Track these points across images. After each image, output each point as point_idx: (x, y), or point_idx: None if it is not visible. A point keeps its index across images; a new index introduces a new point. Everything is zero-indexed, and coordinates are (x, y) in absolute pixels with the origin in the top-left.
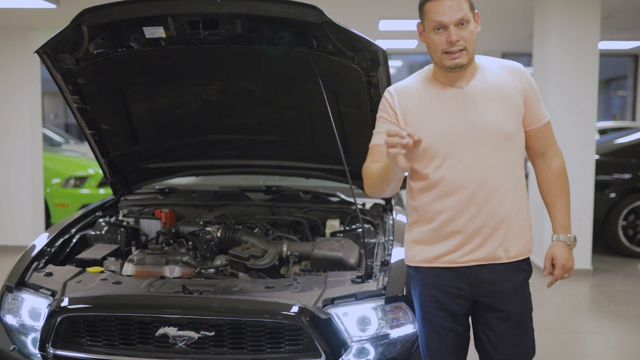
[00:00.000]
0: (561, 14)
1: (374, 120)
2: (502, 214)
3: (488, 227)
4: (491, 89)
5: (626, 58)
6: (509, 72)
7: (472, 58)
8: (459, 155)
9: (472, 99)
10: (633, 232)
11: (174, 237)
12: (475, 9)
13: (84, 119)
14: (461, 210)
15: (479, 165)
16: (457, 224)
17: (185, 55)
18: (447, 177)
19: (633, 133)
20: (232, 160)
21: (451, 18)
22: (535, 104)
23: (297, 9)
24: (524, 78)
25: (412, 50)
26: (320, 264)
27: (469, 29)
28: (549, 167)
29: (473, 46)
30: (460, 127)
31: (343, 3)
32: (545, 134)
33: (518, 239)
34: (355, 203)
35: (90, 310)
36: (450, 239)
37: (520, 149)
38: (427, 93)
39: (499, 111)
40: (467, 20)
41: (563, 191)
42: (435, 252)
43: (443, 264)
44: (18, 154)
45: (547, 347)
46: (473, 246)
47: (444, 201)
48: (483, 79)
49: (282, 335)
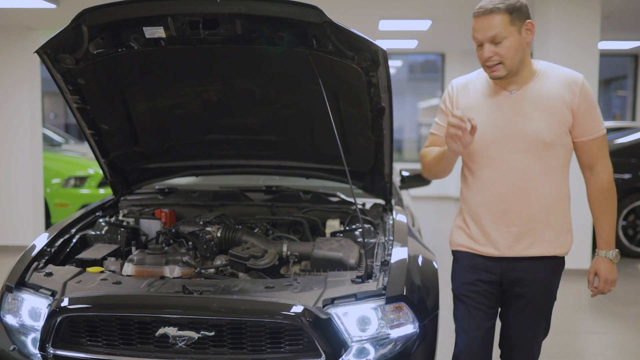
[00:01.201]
0: (561, 14)
1: (374, 120)
2: (531, 215)
3: (517, 226)
4: (540, 97)
5: (626, 58)
6: (563, 83)
7: (513, 69)
8: (497, 155)
9: (518, 105)
10: (633, 232)
11: (174, 237)
12: (524, 19)
13: (84, 119)
14: (494, 209)
15: (514, 168)
16: (493, 221)
17: (185, 55)
18: (485, 173)
19: (633, 133)
20: (232, 160)
21: (484, 36)
22: (585, 117)
23: (297, 9)
24: (577, 91)
25: (412, 50)
26: (320, 264)
27: (506, 45)
28: (595, 183)
29: (512, 59)
30: (502, 130)
31: (343, 3)
32: (594, 148)
33: (548, 239)
34: (355, 203)
35: (90, 310)
36: (485, 232)
37: (561, 157)
38: (481, 92)
39: (541, 119)
40: (503, 36)
41: (608, 208)
42: (472, 239)
43: (478, 252)
44: (18, 154)
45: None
46: (505, 242)
47: (480, 195)
48: (536, 87)
49: (282, 335)
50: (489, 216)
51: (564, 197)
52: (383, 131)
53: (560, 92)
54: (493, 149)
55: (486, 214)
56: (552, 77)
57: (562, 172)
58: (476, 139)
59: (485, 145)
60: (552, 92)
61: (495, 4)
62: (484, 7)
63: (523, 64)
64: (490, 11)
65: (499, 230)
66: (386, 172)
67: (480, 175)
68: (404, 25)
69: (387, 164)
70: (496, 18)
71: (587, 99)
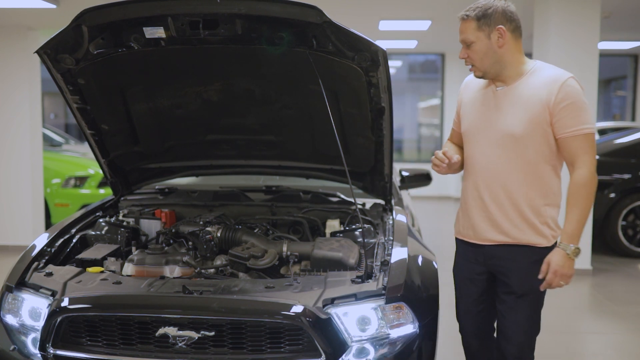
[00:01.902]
0: (561, 14)
1: (374, 121)
2: (503, 204)
3: (492, 212)
4: (519, 95)
5: (626, 58)
6: (546, 82)
7: (488, 71)
8: (477, 146)
9: (499, 101)
10: (633, 232)
11: (174, 237)
12: (495, 25)
13: (84, 119)
14: (474, 193)
15: (490, 159)
16: (473, 205)
17: (185, 55)
18: (470, 163)
19: (633, 133)
20: (232, 160)
21: (460, 39)
22: (564, 115)
23: (297, 9)
24: (556, 89)
25: (412, 50)
26: (320, 264)
27: (474, 48)
28: (573, 177)
29: (481, 61)
30: (483, 124)
31: (343, 3)
32: (574, 145)
33: (521, 227)
34: (355, 203)
35: (90, 310)
36: (467, 218)
37: (538, 153)
38: (478, 88)
39: (515, 115)
40: (471, 41)
41: (577, 202)
42: (462, 228)
43: (465, 238)
44: (18, 154)
45: (547, 347)
46: (482, 226)
47: (466, 183)
48: (521, 85)
49: (282, 335)
50: (469, 199)
51: (541, 190)
52: (383, 131)
53: (540, 90)
54: (475, 140)
55: (468, 197)
56: (539, 76)
57: (542, 167)
58: (463, 126)
59: (471, 134)
60: (532, 90)
61: (466, 12)
62: (460, 14)
63: (503, 65)
64: (462, 17)
65: (478, 216)
66: (386, 172)
67: (467, 161)
68: (403, 26)
69: (387, 164)
70: (466, 24)
71: (567, 97)
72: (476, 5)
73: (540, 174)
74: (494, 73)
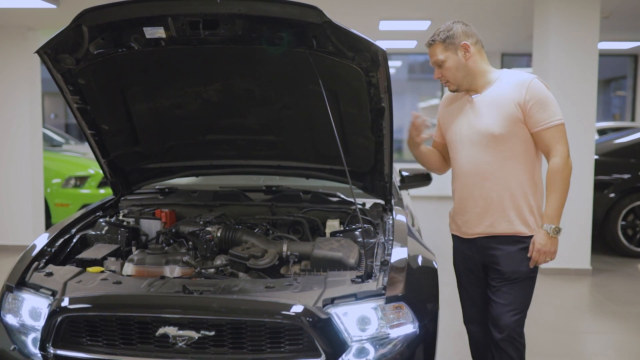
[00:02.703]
0: (561, 14)
1: (374, 121)
2: (489, 197)
3: (479, 207)
4: (493, 98)
5: (626, 58)
6: (514, 84)
7: (462, 83)
8: (462, 150)
9: (476, 106)
10: (632, 232)
11: (174, 237)
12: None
13: (84, 119)
14: (463, 193)
15: (474, 159)
16: (463, 204)
17: (185, 56)
18: (456, 165)
19: (632, 133)
20: (232, 160)
21: (431, 62)
22: (534, 112)
23: (297, 9)
24: (524, 90)
25: (412, 50)
26: (320, 264)
27: (446, 66)
28: (550, 166)
29: (454, 76)
30: (463, 129)
31: (343, 3)
32: (546, 137)
33: (507, 218)
34: (355, 203)
35: (90, 310)
36: (459, 214)
37: (516, 149)
38: (455, 99)
39: (491, 117)
40: (442, 60)
41: (554, 187)
42: (455, 223)
43: (459, 234)
44: (18, 154)
45: (547, 347)
46: (472, 221)
47: (455, 183)
48: (492, 91)
49: (282, 335)
50: (459, 200)
51: (523, 183)
52: (383, 131)
53: (510, 92)
54: (459, 144)
55: (458, 198)
56: (507, 81)
57: (521, 162)
58: (448, 137)
59: (454, 141)
60: (504, 92)
61: (432, 37)
62: (427, 41)
63: (473, 76)
64: (429, 44)
65: (468, 212)
66: (386, 172)
67: (454, 167)
68: (403, 26)
69: (387, 164)
70: (435, 48)
71: (535, 96)
72: (439, 31)
73: (522, 168)
74: (467, 85)
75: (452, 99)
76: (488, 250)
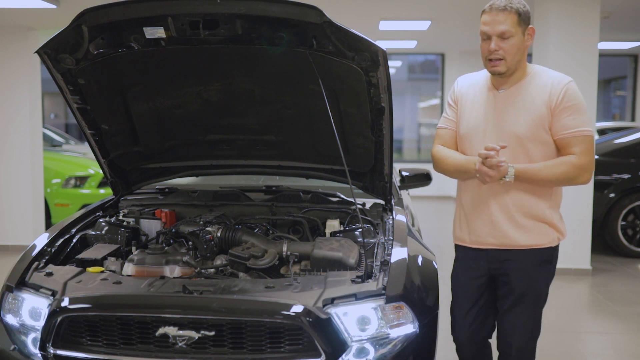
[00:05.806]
0: (561, 14)
1: (373, 120)
2: (507, 205)
3: (494, 214)
4: (522, 97)
5: (626, 58)
6: (547, 84)
7: (512, 67)
8: (480, 148)
9: (502, 103)
10: (632, 232)
11: (174, 237)
12: (527, 24)
13: (84, 119)
14: (475, 196)
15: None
16: (475, 209)
17: (185, 56)
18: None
19: (632, 133)
20: (232, 160)
21: (494, 30)
22: (562, 117)
23: (297, 9)
24: (558, 91)
25: (412, 50)
26: (320, 263)
27: (511, 42)
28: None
29: (513, 57)
30: (485, 125)
31: (343, 3)
32: (571, 145)
33: (528, 230)
34: (355, 203)
35: (90, 310)
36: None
37: (541, 154)
38: (478, 90)
39: (518, 116)
40: (511, 34)
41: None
42: (461, 233)
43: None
44: (18, 154)
45: (547, 347)
46: (484, 229)
47: (465, 186)
48: (523, 87)
49: (282, 335)
50: (470, 207)
51: (542, 190)
52: (383, 131)
53: (542, 92)
54: (476, 143)
55: (469, 203)
56: (540, 79)
57: None
58: (468, 133)
59: (472, 139)
60: (535, 92)
61: (508, 3)
62: (498, 5)
63: (519, 65)
64: (504, 8)
65: (480, 220)
66: (386, 172)
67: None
68: (403, 26)
69: (387, 164)
70: (508, 16)
71: (568, 100)
72: (516, 0)
73: None
74: (512, 71)
75: (476, 87)
76: (499, 264)
